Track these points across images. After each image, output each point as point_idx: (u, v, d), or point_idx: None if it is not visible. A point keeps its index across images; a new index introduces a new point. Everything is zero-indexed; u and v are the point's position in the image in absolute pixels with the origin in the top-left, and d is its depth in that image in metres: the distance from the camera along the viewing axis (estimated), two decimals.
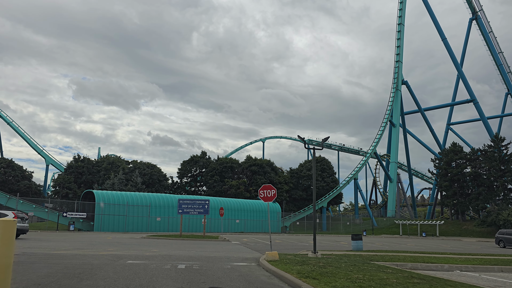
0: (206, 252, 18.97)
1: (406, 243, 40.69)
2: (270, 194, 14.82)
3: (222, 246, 24.43)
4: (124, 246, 21.63)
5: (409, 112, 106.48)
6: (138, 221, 51.05)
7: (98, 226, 47.96)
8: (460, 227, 70.25)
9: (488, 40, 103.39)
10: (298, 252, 19.28)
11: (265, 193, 14.92)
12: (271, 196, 14.86)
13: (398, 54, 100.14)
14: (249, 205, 63.69)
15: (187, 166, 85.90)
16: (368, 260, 14.55)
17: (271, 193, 14.82)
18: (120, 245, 21.99)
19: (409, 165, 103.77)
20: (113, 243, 23.46)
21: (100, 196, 49.59)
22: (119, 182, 67.94)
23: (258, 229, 62.70)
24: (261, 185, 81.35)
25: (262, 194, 15.07)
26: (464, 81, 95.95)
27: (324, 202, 78.24)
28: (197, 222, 54.74)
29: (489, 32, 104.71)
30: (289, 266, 11.28)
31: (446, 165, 75.00)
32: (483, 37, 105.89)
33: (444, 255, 21.02)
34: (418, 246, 34.65)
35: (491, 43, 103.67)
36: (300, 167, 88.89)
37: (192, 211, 33.57)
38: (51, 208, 48.94)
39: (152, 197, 53.95)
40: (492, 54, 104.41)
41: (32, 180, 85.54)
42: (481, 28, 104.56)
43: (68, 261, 12.75)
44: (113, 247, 20.64)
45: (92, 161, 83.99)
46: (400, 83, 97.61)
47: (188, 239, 31.49)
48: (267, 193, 14.85)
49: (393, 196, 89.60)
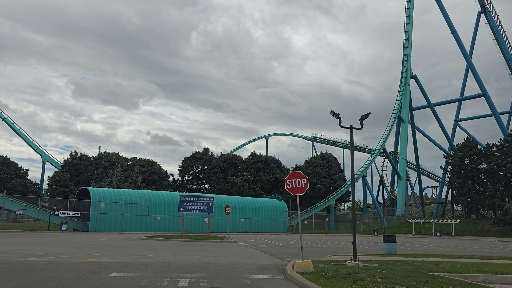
0: (213, 258, 15.65)
1: (428, 243, 37.26)
2: (300, 184, 11.45)
3: (230, 249, 21.10)
4: (115, 250, 18.28)
5: (418, 107, 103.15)
6: (136, 221, 47.73)
7: (94, 226, 44.64)
8: (476, 226, 66.80)
9: (497, 34, 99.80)
10: (326, 258, 15.89)
11: (293, 183, 11.50)
12: (302, 186, 11.50)
13: (406, 47, 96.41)
14: (254, 203, 60.30)
15: (189, 164, 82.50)
16: (425, 271, 11.19)
17: (301, 182, 11.45)
18: (111, 249, 18.65)
19: (417, 163, 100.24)
20: (104, 246, 20.13)
21: (96, 194, 46.27)
22: (117, 180, 64.60)
23: (263, 228, 59.33)
24: (266, 182, 77.93)
25: (290, 185, 11.65)
26: (475, 75, 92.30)
27: (332, 200, 74.80)
28: (200, 222, 51.39)
29: (498, 26, 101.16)
30: (336, 284, 7.90)
31: (460, 161, 71.53)
32: (492, 31, 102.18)
33: (494, 260, 17.64)
34: (444, 247, 31.25)
35: (500, 37, 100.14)
36: (306, 163, 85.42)
37: (195, 209, 30.19)
38: (45, 207, 45.62)
39: (151, 195, 50.60)
40: (501, 48, 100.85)
41: (27, 178, 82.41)
42: (490, 22, 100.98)
43: (30, 274, 9.40)
44: (101, 251, 17.32)
45: (90, 158, 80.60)
46: (409, 77, 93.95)
47: (190, 240, 28.14)
48: (296, 183, 11.44)
49: (402, 194, 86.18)
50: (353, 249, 12.47)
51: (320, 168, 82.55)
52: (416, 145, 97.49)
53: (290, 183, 11.66)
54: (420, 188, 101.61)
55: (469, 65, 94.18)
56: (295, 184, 11.45)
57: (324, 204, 73.17)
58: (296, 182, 11.42)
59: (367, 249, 25.84)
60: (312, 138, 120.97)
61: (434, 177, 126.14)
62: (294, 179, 11.46)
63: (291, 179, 11.60)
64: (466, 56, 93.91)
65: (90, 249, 18.02)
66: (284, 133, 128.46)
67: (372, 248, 26.97)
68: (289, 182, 11.69)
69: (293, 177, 11.56)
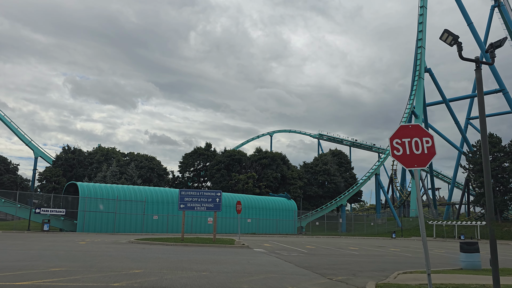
0: (229, 276, 10.39)
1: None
2: (420, 147, 6.03)
3: (246, 258, 15.80)
4: (88, 261, 12.98)
5: (431, 103, 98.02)
6: (131, 220, 42.41)
7: (82, 226, 39.31)
8: (501, 228, 61.42)
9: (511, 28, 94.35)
10: (403, 278, 10.55)
11: (406, 145, 5.96)
12: (425, 153, 6.07)
13: (420, 39, 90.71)
14: (262, 202, 54.94)
15: (190, 160, 77.12)
16: None
17: (422, 144, 6.02)
18: (83, 259, 13.36)
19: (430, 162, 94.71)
20: (77, 254, 14.84)
21: (86, 189, 40.93)
22: (111, 175, 59.22)
23: (272, 230, 53.99)
24: (272, 180, 72.42)
25: (401, 149, 6.10)
26: (493, 69, 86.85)
27: (344, 199, 69.47)
28: (203, 221, 46.08)
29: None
30: None
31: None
32: (506, 25, 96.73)
33: None
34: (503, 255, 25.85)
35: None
36: (315, 161, 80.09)
37: (198, 207, 24.86)
38: (35, 204, 40.32)
39: (148, 191, 45.23)
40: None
41: (17, 173, 77.26)
42: (504, 16, 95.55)
43: None
44: (66, 262, 12.04)
45: (84, 152, 75.28)
46: (423, 71, 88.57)
47: (193, 245, 22.84)
48: (411, 146, 5.98)
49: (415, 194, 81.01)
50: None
51: (330, 165, 77.25)
52: None
53: (400, 146, 6.23)
54: (432, 189, 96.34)
55: (486, 59, 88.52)
56: (411, 148, 6.09)
57: (336, 204, 67.86)
58: (412, 144, 6.10)
59: (414, 259, 20.55)
60: (318, 135, 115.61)
61: (443, 178, 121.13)
62: (409, 138, 6.09)
63: (402, 138, 6.15)
64: (482, 50, 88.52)
65: (52, 260, 12.72)
66: (289, 130, 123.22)
67: (413, 257, 21.70)
68: (399, 143, 6.22)
69: (406, 134, 6.13)
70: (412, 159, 6.24)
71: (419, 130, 6.25)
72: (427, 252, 6.21)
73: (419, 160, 6.19)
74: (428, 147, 6.13)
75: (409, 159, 6.28)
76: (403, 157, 6.26)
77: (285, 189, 70.78)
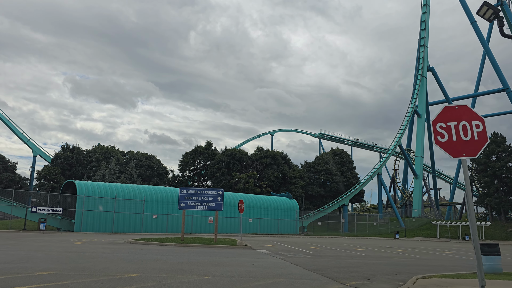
0: (233, 280, 9.48)
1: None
2: (469, 133, 4.98)
3: (251, 260, 14.89)
4: (80, 263, 12.06)
5: (433, 102, 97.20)
6: (130, 219, 41.49)
7: (80, 225, 38.40)
8: (505, 229, 60.58)
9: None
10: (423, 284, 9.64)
11: (453, 130, 4.87)
12: (475, 139, 4.95)
13: (423, 38, 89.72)
14: (263, 201, 54.00)
15: (190, 158, 76.17)
16: None
17: (472, 129, 4.99)
18: (75, 261, 12.44)
19: (432, 162, 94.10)
20: (70, 256, 13.92)
21: (83, 188, 40.02)
22: (110, 174, 58.28)
23: (273, 230, 53.08)
24: (273, 179, 71.51)
25: (445, 134, 4.99)
26: (496, 68, 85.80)
27: (346, 199, 68.50)
28: (203, 221, 45.16)
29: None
30: None
31: (486, 158, 65.36)
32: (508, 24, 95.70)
33: None
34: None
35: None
36: (317, 160, 79.18)
37: (199, 205, 23.91)
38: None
39: (147, 190, 44.30)
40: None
41: (16, 172, 76.31)
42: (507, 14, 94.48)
43: None
44: (57, 265, 11.14)
45: (83, 151, 74.34)
46: (426, 70, 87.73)
47: (193, 246, 21.92)
48: (459, 131, 4.93)
49: (419, 194, 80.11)
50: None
51: (332, 164, 76.31)
52: (431, 143, 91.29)
53: (444, 131, 5.22)
54: (435, 189, 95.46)
55: (490, 58, 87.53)
56: (458, 134, 5.11)
57: (338, 203, 66.90)
58: (459, 128, 5.12)
59: (433, 260, 19.65)
60: (319, 135, 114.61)
61: (444, 178, 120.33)
62: (455, 121, 5.11)
63: (447, 121, 5.12)
64: (486, 49, 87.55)
65: (42, 262, 11.80)
66: (291, 130, 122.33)
67: (438, 258, 20.79)
68: (443, 128, 5.20)
69: (452, 116, 5.12)
70: (459, 147, 5.20)
71: (467, 112, 5.23)
72: (481, 261, 5.22)
73: (468, 148, 5.17)
74: (478, 133, 5.15)
75: (456, 146, 5.23)
76: (448, 144, 5.24)
77: (287, 189, 69.88)
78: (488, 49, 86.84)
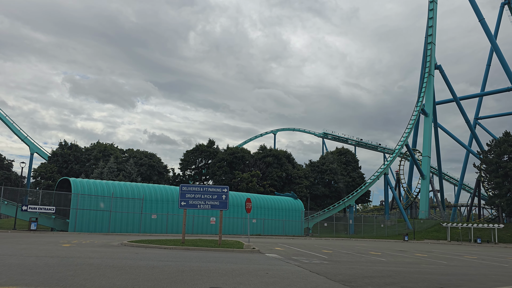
0: None
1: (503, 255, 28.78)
2: None
3: (264, 268, 12.69)
4: (57, 273, 9.89)
5: (440, 101, 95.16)
6: (127, 219, 39.29)
7: (75, 225, 36.21)
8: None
9: None
10: None
11: None
12: None
13: (430, 35, 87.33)
14: (267, 201, 51.79)
15: (191, 157, 73.95)
16: None
17: None
18: (52, 271, 10.26)
19: (439, 162, 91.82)
20: (48, 264, 11.70)
21: (79, 186, 37.84)
22: (108, 172, 56.10)
23: (278, 231, 50.86)
24: (277, 179, 69.31)
25: None
26: (505, 67, 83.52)
27: (352, 200, 66.23)
28: (205, 221, 42.96)
29: None
30: None
31: (497, 158, 63.18)
32: None
33: None
34: None
35: None
36: (322, 159, 76.94)
37: (201, 205, 21.73)
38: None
39: (146, 188, 42.09)
40: None
41: (12, 170, 74.21)
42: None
43: None
44: (27, 276, 8.98)
45: (81, 148, 72.14)
46: (433, 68, 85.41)
47: (195, 249, 19.74)
48: None
49: (426, 195, 77.80)
50: None
51: (337, 164, 74.08)
52: (438, 143, 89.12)
53: None
54: (441, 190, 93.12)
55: (498, 57, 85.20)
56: None
57: (343, 204, 64.66)
58: None
59: (465, 267, 17.46)
60: (322, 134, 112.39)
61: (448, 179, 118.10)
62: None
63: None
64: (495, 46, 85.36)
65: (10, 271, 9.63)
66: (294, 129, 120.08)
67: (469, 265, 18.61)
68: None
69: None
70: None
71: None
72: None
73: None
74: None
75: None
76: None
77: (291, 188, 67.70)
78: (497, 46, 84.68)
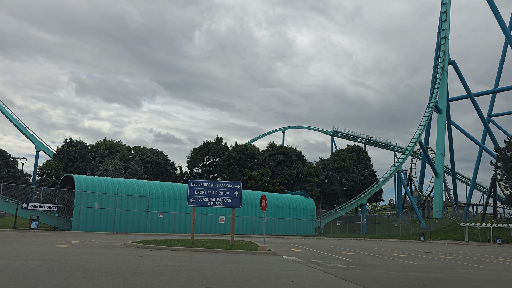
0: None
1: None
2: None
3: (287, 273, 10.89)
4: (41, 282, 8.18)
5: (454, 98, 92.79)
6: (133, 218, 37.72)
7: (78, 224, 34.70)
8: None
9: None
10: None
11: None
12: None
13: (444, 29, 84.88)
14: (279, 200, 49.99)
15: (199, 154, 72.41)
16: None
17: None
18: (35, 279, 8.56)
19: (452, 160, 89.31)
20: (34, 269, 9.97)
21: (82, 183, 36.32)
22: (114, 169, 54.63)
23: (289, 231, 49.05)
24: (287, 177, 67.47)
25: None
26: None
27: (364, 198, 64.24)
28: (214, 220, 41.27)
29: None
30: None
31: None
32: None
33: None
34: None
35: None
36: (333, 156, 75.01)
37: (212, 202, 19.98)
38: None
39: (153, 186, 40.48)
40: None
41: (17, 167, 73.14)
42: None
43: None
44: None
45: (87, 146, 70.87)
46: (447, 63, 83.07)
47: (205, 251, 18.01)
48: None
49: (440, 194, 75.49)
50: None
51: (348, 162, 72.05)
52: (451, 140, 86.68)
53: None
54: (454, 188, 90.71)
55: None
56: None
57: (356, 203, 62.69)
58: None
59: (506, 272, 15.53)
60: (332, 132, 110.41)
61: (460, 178, 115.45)
62: None
63: None
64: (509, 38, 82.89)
65: None
66: (302, 126, 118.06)
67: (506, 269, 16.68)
68: None
69: None
70: None
71: None
72: None
73: None
74: None
75: None
76: None
77: (301, 187, 65.82)
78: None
